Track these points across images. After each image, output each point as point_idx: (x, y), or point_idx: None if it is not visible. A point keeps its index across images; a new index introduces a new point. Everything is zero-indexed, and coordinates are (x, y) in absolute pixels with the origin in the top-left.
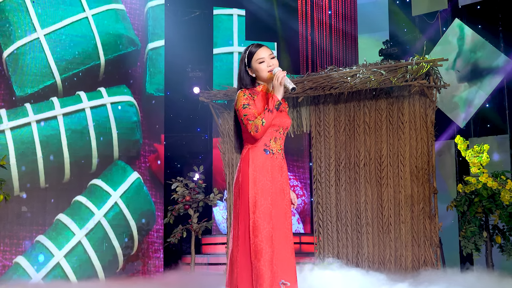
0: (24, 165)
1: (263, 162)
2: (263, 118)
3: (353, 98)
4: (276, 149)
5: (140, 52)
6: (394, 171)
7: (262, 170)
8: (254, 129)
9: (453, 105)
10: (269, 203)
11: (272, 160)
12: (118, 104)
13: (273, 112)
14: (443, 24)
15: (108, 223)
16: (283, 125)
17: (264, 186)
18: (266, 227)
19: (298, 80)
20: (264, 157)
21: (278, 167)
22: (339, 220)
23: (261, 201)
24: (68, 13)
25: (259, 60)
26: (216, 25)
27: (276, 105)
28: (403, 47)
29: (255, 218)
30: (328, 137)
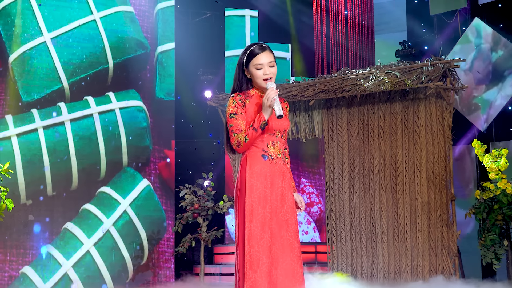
0: (30, 173)
1: (261, 168)
2: (247, 135)
3: (366, 101)
4: (276, 154)
5: (149, 55)
6: (410, 177)
7: (259, 176)
8: (236, 143)
9: (473, 107)
10: (267, 211)
11: (271, 165)
12: (127, 109)
13: (258, 131)
14: (462, 23)
15: (117, 232)
16: (280, 128)
17: (261, 194)
18: (263, 236)
19: (309, 82)
20: (263, 163)
21: (279, 173)
22: (353, 229)
23: (258, 209)
24: (75, 15)
25: (257, 65)
26: (228, 26)
27: (261, 125)
28: (421, 47)
29: (251, 227)
30: (341, 142)
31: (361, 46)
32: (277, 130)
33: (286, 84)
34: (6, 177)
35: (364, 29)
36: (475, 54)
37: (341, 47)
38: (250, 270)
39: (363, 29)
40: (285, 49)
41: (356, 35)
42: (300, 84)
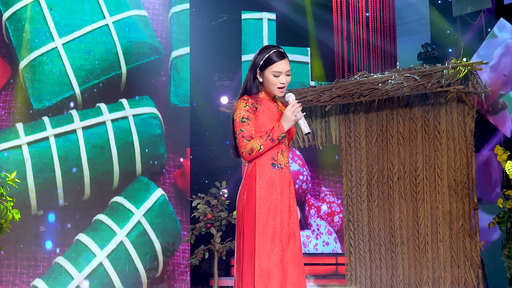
0: (42, 182)
1: (271, 178)
2: (262, 144)
3: (385, 106)
4: (284, 163)
5: (163, 61)
6: (430, 185)
7: (270, 187)
8: (248, 151)
9: (499, 106)
10: (278, 223)
11: (281, 175)
12: (141, 116)
13: (274, 142)
14: (486, 24)
15: (131, 243)
16: (289, 137)
17: (271, 205)
18: (274, 249)
19: (326, 87)
20: (273, 172)
21: (287, 183)
22: (371, 239)
23: (269, 221)
24: (87, 20)
25: (275, 72)
26: (245, 30)
27: (279, 137)
28: (444, 50)
29: (261, 239)
30: (359, 149)
31: (382, 50)
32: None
33: (302, 89)
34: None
35: (386, 31)
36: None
37: (362, 51)
38: (261, 284)
39: (385, 31)
40: (304, 52)
41: (377, 38)
42: (316, 89)
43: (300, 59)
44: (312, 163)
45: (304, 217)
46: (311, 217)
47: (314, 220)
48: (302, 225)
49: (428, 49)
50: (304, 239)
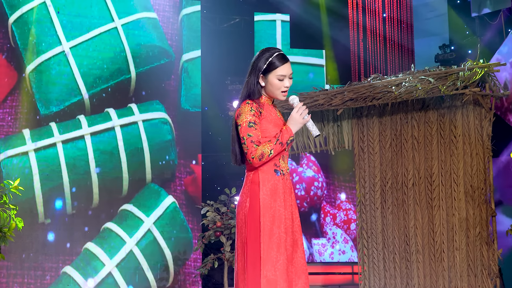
0: (49, 190)
1: (274, 185)
2: (273, 149)
3: (399, 109)
4: (286, 169)
5: (174, 64)
6: (446, 191)
7: (274, 194)
8: (259, 156)
9: None
10: (282, 231)
11: (283, 181)
12: (151, 122)
13: (283, 146)
14: (506, 24)
15: (141, 252)
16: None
17: (276, 213)
18: (279, 258)
19: (337, 90)
20: (276, 179)
21: (289, 189)
22: (385, 248)
23: (274, 229)
24: (95, 23)
25: (279, 76)
26: (258, 32)
27: (288, 140)
28: (463, 51)
29: (267, 248)
30: (372, 154)
31: (400, 52)
32: None
33: (313, 93)
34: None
35: (403, 33)
36: None
37: (379, 53)
38: None
39: (402, 33)
40: (319, 55)
41: (395, 40)
42: (327, 92)
43: (315, 61)
44: (327, 169)
45: (320, 224)
46: (327, 224)
47: (329, 228)
48: (317, 233)
49: (446, 50)
50: (319, 247)
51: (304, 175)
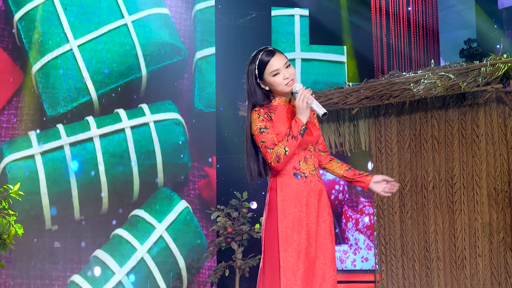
0: (56, 195)
1: (295, 189)
2: (286, 146)
3: (418, 108)
4: (309, 171)
5: (187, 62)
6: (468, 194)
7: (293, 199)
8: (275, 159)
9: None
10: (303, 237)
11: (306, 185)
12: (163, 123)
13: (298, 139)
14: None
15: (153, 260)
16: (312, 140)
17: (296, 218)
18: (300, 267)
19: (353, 88)
20: (296, 183)
21: (315, 192)
22: (404, 254)
23: (294, 236)
24: (104, 20)
25: (273, 72)
26: (275, 28)
27: (301, 131)
28: (490, 46)
29: (286, 256)
30: (390, 155)
31: (425, 46)
32: (309, 143)
33: (328, 91)
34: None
35: (428, 27)
36: None
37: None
38: None
39: (428, 27)
40: (340, 51)
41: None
42: (342, 91)
43: (336, 58)
44: None
45: (341, 230)
46: (349, 230)
47: (351, 233)
48: (338, 240)
49: (471, 45)
50: (341, 254)
51: (324, 178)
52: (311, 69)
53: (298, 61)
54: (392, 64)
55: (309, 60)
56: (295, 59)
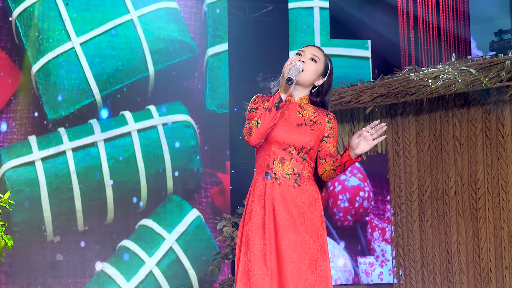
0: (58, 204)
1: (262, 189)
2: (259, 118)
3: (438, 106)
4: (283, 174)
5: (198, 60)
6: (493, 201)
7: (259, 200)
8: (247, 132)
9: None
10: (263, 242)
11: (273, 187)
12: (172, 125)
13: (272, 111)
14: None
15: (162, 273)
16: (295, 142)
17: (260, 221)
18: (256, 273)
19: (367, 85)
20: (264, 182)
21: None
22: (424, 266)
23: (255, 239)
24: (108, 16)
25: (299, 51)
26: (293, 21)
27: (276, 103)
28: None
29: (245, 260)
30: (409, 158)
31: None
32: (290, 145)
33: (341, 89)
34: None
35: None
36: None
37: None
38: None
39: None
40: (363, 46)
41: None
42: (356, 88)
43: (359, 53)
44: (374, 177)
45: (366, 241)
46: (375, 241)
47: (378, 244)
48: (364, 251)
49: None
50: (366, 267)
51: (347, 184)
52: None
53: None
54: (420, 58)
55: (329, 56)
56: None
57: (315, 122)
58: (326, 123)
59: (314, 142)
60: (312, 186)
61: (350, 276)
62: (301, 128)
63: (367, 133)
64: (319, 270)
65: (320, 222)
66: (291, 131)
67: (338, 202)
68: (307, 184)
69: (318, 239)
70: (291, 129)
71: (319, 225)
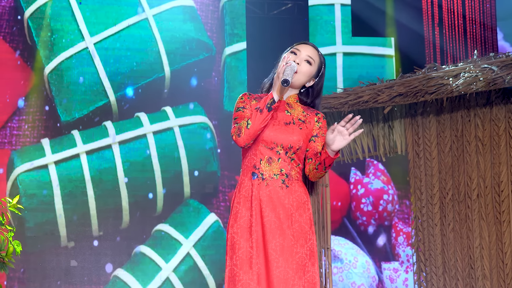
0: (72, 208)
1: (248, 190)
2: (250, 118)
3: (460, 106)
4: (270, 174)
5: (215, 59)
6: None
7: (245, 201)
8: (236, 132)
9: None
10: (250, 246)
11: (260, 187)
12: (189, 127)
13: (264, 113)
14: None
15: (180, 280)
16: (282, 142)
17: (246, 223)
18: (243, 278)
19: (386, 84)
20: (250, 183)
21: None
22: (446, 272)
23: (241, 242)
24: (123, 15)
25: (294, 50)
26: (313, 19)
27: (268, 104)
28: None
29: (231, 264)
30: (429, 160)
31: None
32: (278, 144)
33: (359, 88)
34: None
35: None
36: None
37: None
38: None
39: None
40: (386, 44)
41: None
42: (374, 87)
43: (382, 51)
44: (398, 179)
45: (391, 246)
46: (399, 245)
47: (403, 249)
48: (388, 256)
49: None
50: (391, 273)
51: (371, 187)
52: (355, 64)
53: (339, 55)
54: (446, 57)
55: (352, 54)
56: (336, 53)
57: (304, 121)
58: (315, 122)
59: (302, 141)
60: (300, 188)
61: (374, 283)
62: (289, 127)
63: (343, 128)
64: (307, 275)
65: (308, 226)
66: (278, 130)
67: (361, 206)
68: (296, 185)
69: (306, 243)
70: (278, 128)
71: (307, 229)
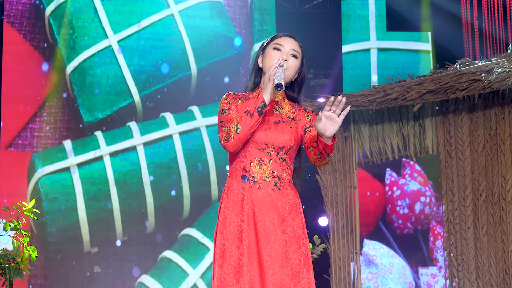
0: (95, 213)
1: (238, 194)
2: (239, 123)
3: (493, 103)
4: (262, 177)
5: (243, 56)
6: None
7: (235, 205)
8: (225, 137)
9: None
10: (242, 253)
11: (251, 191)
12: (216, 127)
13: (254, 117)
14: None
15: (207, 286)
16: (273, 142)
17: (236, 229)
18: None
19: (415, 81)
20: (241, 187)
21: (266, 202)
22: (479, 277)
23: (232, 249)
24: (147, 11)
25: (276, 45)
26: (346, 13)
27: (258, 108)
28: None
29: (221, 273)
30: (462, 160)
31: None
32: (269, 144)
33: (388, 85)
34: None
35: None
36: None
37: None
38: None
39: None
40: (422, 39)
41: None
42: (403, 84)
43: (418, 46)
44: (436, 180)
45: (428, 250)
46: (437, 250)
47: (441, 254)
48: (425, 261)
49: None
50: (429, 278)
51: (407, 189)
52: (390, 59)
53: (373, 51)
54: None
55: (386, 50)
56: (370, 49)
57: (293, 118)
58: (305, 117)
59: (293, 140)
60: (292, 190)
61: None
62: (279, 126)
63: (330, 112)
64: (302, 282)
65: (301, 230)
66: (268, 130)
67: (397, 209)
68: (287, 188)
69: (300, 249)
70: (268, 127)
71: (300, 233)
